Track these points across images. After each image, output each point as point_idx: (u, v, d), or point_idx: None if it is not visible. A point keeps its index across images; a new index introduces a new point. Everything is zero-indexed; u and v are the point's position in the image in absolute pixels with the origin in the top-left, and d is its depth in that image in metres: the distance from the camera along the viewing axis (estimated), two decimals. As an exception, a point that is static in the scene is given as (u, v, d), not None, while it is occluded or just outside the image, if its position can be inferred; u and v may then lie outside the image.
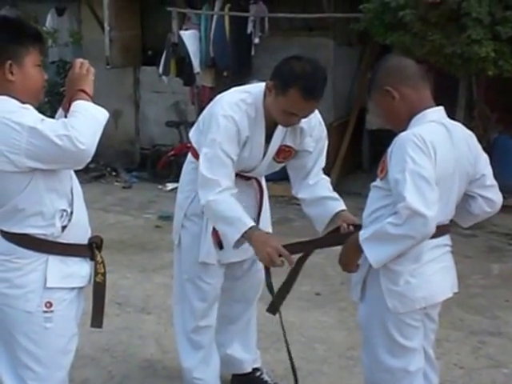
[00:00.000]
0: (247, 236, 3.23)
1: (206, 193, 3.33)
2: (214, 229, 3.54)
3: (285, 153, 3.57)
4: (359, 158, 9.54)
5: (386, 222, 2.73)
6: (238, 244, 3.29)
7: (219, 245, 3.59)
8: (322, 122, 3.63)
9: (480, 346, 4.68)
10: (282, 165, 3.68)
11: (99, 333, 4.33)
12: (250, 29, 8.80)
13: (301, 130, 3.52)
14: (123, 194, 9.10)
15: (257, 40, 8.83)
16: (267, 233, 3.46)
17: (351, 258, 2.94)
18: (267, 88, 3.35)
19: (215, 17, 9.01)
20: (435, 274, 2.93)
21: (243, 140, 3.39)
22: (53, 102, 8.61)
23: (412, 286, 2.86)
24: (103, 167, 9.92)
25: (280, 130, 3.49)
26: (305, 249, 3.32)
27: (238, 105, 3.37)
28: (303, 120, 3.42)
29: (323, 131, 3.64)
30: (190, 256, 3.69)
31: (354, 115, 9.31)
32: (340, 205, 3.56)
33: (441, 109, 2.93)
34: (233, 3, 8.92)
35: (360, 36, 8.85)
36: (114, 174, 10.00)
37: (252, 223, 3.27)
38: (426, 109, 2.87)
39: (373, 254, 2.79)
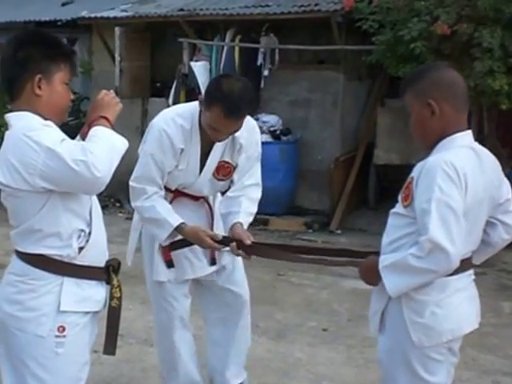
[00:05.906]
0: (179, 232, 3.51)
1: (133, 200, 3.59)
2: (161, 247, 3.68)
3: (224, 169, 3.64)
4: (365, 193, 9.35)
5: (408, 253, 2.61)
6: (168, 240, 3.55)
7: (168, 263, 3.70)
8: (260, 144, 3.71)
9: (493, 386, 4.57)
10: (224, 183, 3.72)
11: (101, 365, 4.28)
12: (259, 61, 8.81)
13: (240, 145, 3.59)
14: (126, 225, 8.91)
15: (266, 72, 8.83)
16: (195, 226, 3.57)
17: (371, 281, 2.81)
18: (199, 102, 3.45)
19: (226, 48, 9.00)
20: (462, 304, 2.78)
21: (178, 152, 3.50)
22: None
23: (439, 317, 2.71)
24: (106, 198, 9.85)
25: (218, 147, 3.57)
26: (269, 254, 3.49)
27: (173, 119, 3.52)
28: (243, 136, 3.53)
29: (257, 152, 3.71)
30: (149, 275, 3.82)
31: (362, 150, 9.23)
32: (237, 217, 3.55)
33: (470, 132, 2.77)
34: (243, 35, 8.95)
35: (370, 70, 8.81)
36: (117, 205, 9.95)
37: (178, 222, 3.49)
38: (456, 132, 2.71)
39: (391, 283, 2.67)
